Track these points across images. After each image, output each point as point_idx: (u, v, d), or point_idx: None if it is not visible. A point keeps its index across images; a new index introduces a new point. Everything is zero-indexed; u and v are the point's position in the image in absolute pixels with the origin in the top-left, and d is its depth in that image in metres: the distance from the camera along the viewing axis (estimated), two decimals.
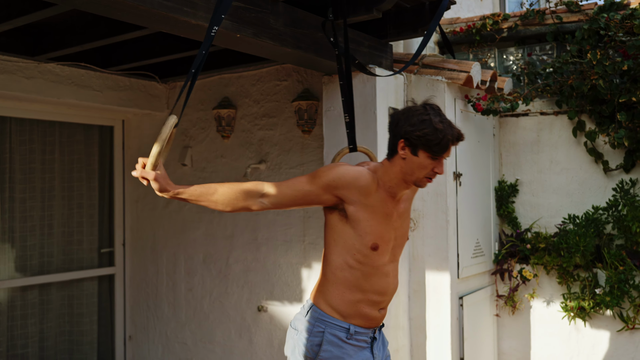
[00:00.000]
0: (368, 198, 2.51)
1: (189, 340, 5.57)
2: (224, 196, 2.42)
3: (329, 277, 2.62)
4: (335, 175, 2.48)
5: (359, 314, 2.59)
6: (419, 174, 2.50)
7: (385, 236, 2.58)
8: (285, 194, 2.48)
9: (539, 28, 5.00)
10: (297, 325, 2.68)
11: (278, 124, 5.02)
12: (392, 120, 2.58)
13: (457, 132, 2.49)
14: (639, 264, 4.22)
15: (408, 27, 4.13)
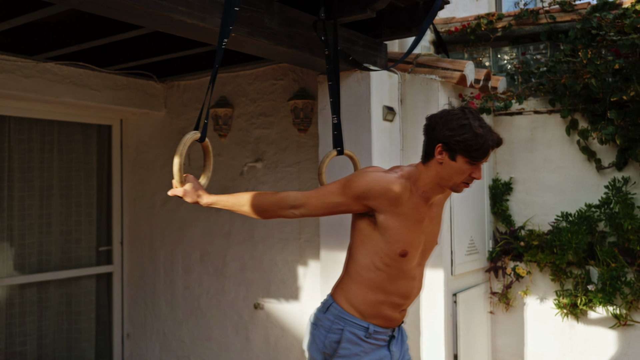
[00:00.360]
0: (400, 207, 2.47)
1: (186, 337, 5.61)
2: (254, 207, 2.49)
3: (353, 276, 2.61)
4: (365, 186, 2.45)
5: (380, 314, 2.58)
6: (457, 179, 2.47)
7: (415, 242, 2.57)
8: (315, 206, 2.50)
9: (533, 27, 5.04)
10: (316, 321, 2.67)
11: (274, 123, 5.06)
12: (429, 123, 2.53)
13: (497, 137, 2.45)
14: (631, 261, 4.26)
15: (402, 27, 4.18)
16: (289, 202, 2.49)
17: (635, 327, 4.28)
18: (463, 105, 2.54)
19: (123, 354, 6.07)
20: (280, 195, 2.51)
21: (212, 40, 3.22)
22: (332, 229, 4.16)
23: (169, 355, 5.74)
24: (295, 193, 2.51)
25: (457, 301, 4.29)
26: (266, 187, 5.08)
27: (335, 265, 4.14)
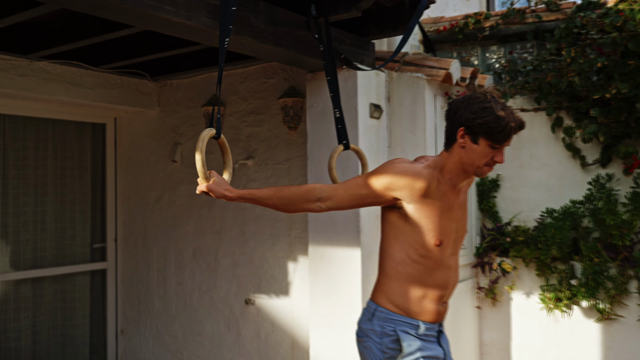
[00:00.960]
0: (429, 196, 2.47)
1: (179, 333, 5.68)
2: (280, 200, 2.48)
3: (390, 273, 2.59)
4: (393, 176, 2.46)
5: (424, 310, 2.56)
6: (479, 163, 2.47)
7: (448, 230, 2.56)
8: (342, 198, 2.50)
9: (519, 27, 5.12)
10: (364, 333, 2.63)
11: (265, 121, 5.13)
12: (450, 108, 2.54)
13: (519, 119, 2.46)
14: (614, 255, 4.33)
15: (389, 26, 4.24)
16: (315, 194, 2.49)
17: (618, 321, 4.35)
18: (484, 90, 2.50)
19: (117, 349, 6.13)
20: (306, 188, 2.50)
21: (198, 38, 3.30)
22: (320, 225, 4.23)
23: (162, 351, 5.81)
24: (322, 185, 2.51)
25: None
26: (257, 184, 5.15)
27: (322, 260, 4.22)
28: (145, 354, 5.94)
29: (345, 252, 4.11)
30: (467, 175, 2.55)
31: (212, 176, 2.47)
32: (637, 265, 4.20)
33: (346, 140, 3.30)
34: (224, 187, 2.47)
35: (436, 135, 4.36)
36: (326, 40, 3.40)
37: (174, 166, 5.73)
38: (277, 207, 2.51)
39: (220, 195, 2.46)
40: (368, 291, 4.10)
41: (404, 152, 4.33)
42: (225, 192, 2.46)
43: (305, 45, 3.77)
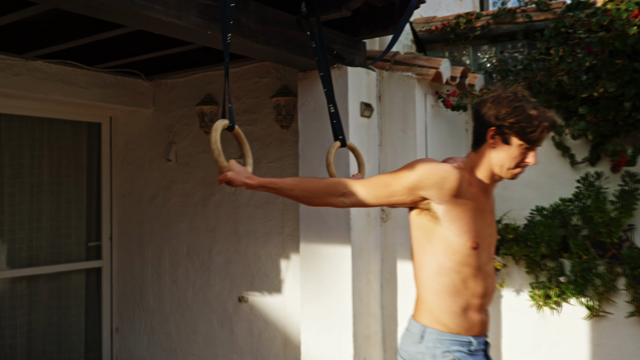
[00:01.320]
0: (459, 197, 2.36)
1: (173, 331, 5.72)
2: (302, 192, 2.42)
3: (429, 286, 2.45)
4: (421, 175, 2.36)
5: (472, 322, 2.45)
6: (510, 164, 2.39)
7: (483, 233, 2.45)
8: (367, 194, 2.42)
9: (510, 26, 5.16)
10: (413, 356, 2.47)
11: (258, 120, 5.18)
12: (479, 107, 2.45)
13: (551, 118, 2.36)
14: (602, 253, 4.37)
15: (379, 25, 4.29)
16: (340, 189, 2.42)
17: (607, 318, 4.39)
18: (514, 88, 2.41)
19: (112, 347, 6.18)
20: (332, 182, 2.44)
21: (189, 37, 3.34)
22: (311, 223, 4.27)
23: (157, 349, 5.85)
24: (347, 180, 2.43)
25: None
26: None
27: (314, 258, 4.26)
28: (140, 352, 5.98)
29: (336, 250, 4.16)
30: (495, 177, 2.46)
31: (232, 165, 2.44)
32: (625, 262, 4.24)
33: (342, 136, 3.25)
34: (244, 176, 2.44)
35: (426, 134, 4.41)
36: (318, 37, 3.43)
37: (168, 165, 5.78)
38: (298, 198, 2.46)
39: (240, 184, 2.44)
40: (358, 288, 4.15)
41: (394, 151, 4.38)
42: (246, 180, 2.43)
43: (296, 45, 3.82)
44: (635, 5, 3.77)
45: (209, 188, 5.48)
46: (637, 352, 4.28)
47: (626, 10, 3.82)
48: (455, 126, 4.83)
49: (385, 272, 4.42)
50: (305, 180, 2.45)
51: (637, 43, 3.97)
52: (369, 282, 4.28)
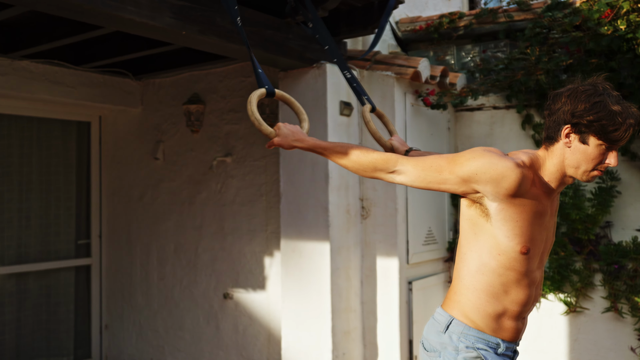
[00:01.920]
0: (518, 197, 2.16)
1: (161, 327, 5.78)
2: (351, 163, 2.34)
3: (466, 281, 2.29)
4: (478, 167, 2.15)
5: (504, 327, 2.27)
6: (587, 166, 2.15)
7: (537, 238, 2.25)
8: (418, 176, 2.25)
9: (492, 26, 5.22)
10: (434, 345, 2.32)
11: (243, 119, 5.24)
12: (553, 101, 2.22)
13: (637, 114, 2.12)
14: (580, 249, 4.43)
15: (359, 25, 4.35)
16: (389, 166, 2.28)
17: (584, 313, 4.45)
18: (594, 80, 2.18)
19: (101, 344, 6.23)
20: (382, 157, 2.29)
21: (164, 37, 3.40)
22: (292, 220, 4.33)
23: (145, 345, 5.91)
24: (399, 157, 2.28)
25: (412, 289, 4.46)
26: (235, 180, 5.26)
27: (294, 254, 4.32)
28: (128, 349, 6.04)
29: (315, 246, 4.22)
30: (567, 179, 2.24)
31: (279, 130, 2.39)
32: (602, 258, 4.30)
33: (367, 96, 3.09)
34: (292, 139, 2.38)
35: (405, 132, 4.46)
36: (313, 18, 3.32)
37: (156, 164, 5.84)
38: (347, 167, 2.37)
39: (288, 147, 2.39)
40: (337, 284, 4.21)
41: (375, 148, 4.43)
42: (294, 142, 2.38)
43: (274, 44, 3.87)
44: (607, 6, 3.82)
45: (195, 186, 5.55)
46: (613, 347, 4.34)
47: (597, 11, 3.87)
48: (436, 125, 4.88)
49: (365, 269, 4.48)
50: (356, 151, 2.33)
51: (611, 43, 4.02)
52: (349, 278, 4.34)
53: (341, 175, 4.29)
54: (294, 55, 4.06)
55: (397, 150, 2.92)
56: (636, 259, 4.20)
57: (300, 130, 2.45)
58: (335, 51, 3.27)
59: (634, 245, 4.28)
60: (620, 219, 4.51)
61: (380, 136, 2.94)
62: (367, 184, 4.48)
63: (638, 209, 4.46)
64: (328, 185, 4.17)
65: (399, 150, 2.92)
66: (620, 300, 4.28)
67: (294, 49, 4.06)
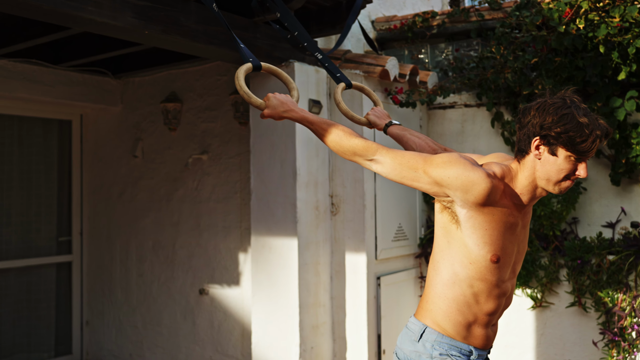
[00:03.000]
0: (486, 206, 2.19)
1: (139, 323, 5.85)
2: (335, 142, 2.36)
3: (439, 291, 2.32)
4: (449, 173, 2.18)
5: (474, 335, 2.33)
6: (557, 177, 2.17)
7: (508, 248, 2.27)
8: (394, 169, 2.28)
9: (464, 25, 5.28)
10: (409, 355, 2.36)
11: (219, 117, 5.30)
12: (523, 114, 2.25)
13: (604, 127, 2.14)
14: (546, 245, 4.50)
15: (328, 24, 4.42)
16: (370, 152, 2.30)
17: (550, 308, 4.52)
18: (563, 93, 2.20)
19: (82, 341, 6.30)
20: (366, 143, 2.31)
21: (126, 37, 3.47)
22: (261, 216, 4.40)
23: (124, 341, 5.98)
24: (381, 147, 2.30)
25: (380, 284, 4.52)
26: (211, 177, 5.32)
27: (263, 250, 4.39)
28: (108, 344, 6.11)
29: (284, 242, 4.28)
30: (538, 191, 2.26)
31: (268, 101, 2.41)
32: (567, 254, 4.37)
33: (340, 74, 3.04)
34: (282, 109, 2.41)
35: (374, 130, 4.52)
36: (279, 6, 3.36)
37: (135, 161, 5.90)
38: (329, 146, 2.40)
39: (279, 118, 2.42)
40: (305, 279, 4.27)
41: None
42: (284, 114, 2.41)
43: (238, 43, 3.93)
44: (566, 6, 3.89)
45: (172, 184, 5.61)
46: (578, 341, 4.41)
47: (557, 10, 3.93)
48: (407, 123, 4.94)
49: (335, 264, 4.54)
50: (340, 132, 2.35)
51: (573, 42, 4.08)
52: (318, 273, 4.40)
53: (310, 172, 4.36)
54: (263, 54, 4.12)
55: (375, 125, 2.94)
56: (600, 254, 4.27)
57: (290, 99, 2.47)
58: (305, 35, 3.30)
59: (598, 241, 4.35)
60: (586, 215, 4.58)
61: (353, 115, 2.94)
62: (336, 180, 4.55)
63: (604, 206, 4.54)
64: (296, 182, 4.24)
65: (377, 125, 2.94)
66: (585, 295, 4.35)
67: (262, 48, 4.12)
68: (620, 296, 4.18)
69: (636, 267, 4.15)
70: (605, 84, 4.29)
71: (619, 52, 3.97)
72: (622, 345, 4.12)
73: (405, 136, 2.83)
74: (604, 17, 3.74)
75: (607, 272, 4.24)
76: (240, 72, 2.43)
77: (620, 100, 4.10)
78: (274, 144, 4.36)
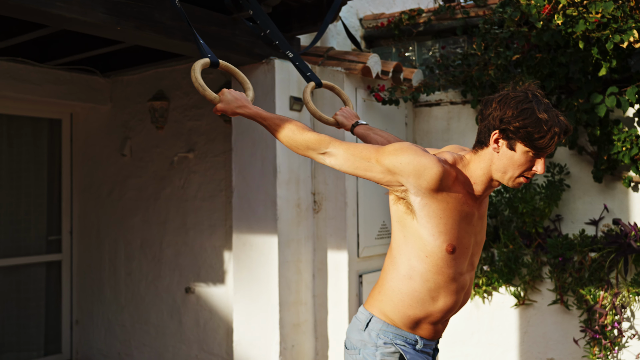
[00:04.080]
0: (439, 192, 2.17)
1: (128, 322, 5.85)
2: (288, 137, 2.35)
3: (394, 285, 2.30)
4: (401, 159, 2.16)
5: (422, 328, 2.31)
6: (514, 173, 2.16)
7: (465, 239, 2.25)
8: (347, 160, 2.26)
9: (450, 22, 5.27)
10: (355, 343, 2.35)
11: (205, 115, 5.30)
12: (484, 107, 2.22)
13: (564, 124, 2.11)
14: (529, 242, 4.47)
15: (309, 21, 4.41)
16: (323, 145, 2.29)
17: (533, 306, 4.49)
18: (526, 87, 2.17)
19: (72, 340, 6.29)
20: (318, 137, 2.30)
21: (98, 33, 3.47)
22: (243, 213, 4.39)
23: (113, 340, 5.98)
24: (334, 140, 2.29)
25: (362, 282, 4.50)
26: (197, 176, 5.32)
27: (245, 247, 4.38)
28: (97, 344, 6.11)
29: (264, 240, 4.27)
30: (493, 183, 2.25)
31: (222, 96, 2.42)
32: (549, 251, 4.33)
33: (310, 73, 3.02)
34: (236, 105, 2.40)
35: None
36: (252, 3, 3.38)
37: (124, 160, 5.90)
38: (282, 142, 2.38)
39: (232, 113, 2.41)
40: (286, 277, 4.26)
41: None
42: (237, 109, 2.41)
43: (219, 40, 3.93)
44: (544, 1, 3.86)
45: (160, 182, 5.61)
46: (561, 339, 4.38)
47: (535, 6, 3.91)
48: (392, 120, 4.93)
49: (317, 262, 4.53)
50: (292, 127, 2.34)
51: (553, 37, 4.06)
52: (299, 271, 4.39)
53: (291, 169, 4.34)
54: (242, 51, 4.12)
55: (343, 125, 2.93)
56: (582, 251, 4.24)
57: (244, 97, 2.47)
58: (276, 33, 3.30)
59: (580, 238, 4.32)
60: (570, 212, 4.55)
61: (320, 115, 2.94)
62: (318, 177, 4.54)
63: (587, 203, 4.51)
64: (276, 179, 4.23)
65: (344, 125, 2.93)
66: (567, 293, 4.32)
67: (242, 45, 4.11)
68: (601, 294, 4.15)
69: (617, 265, 4.12)
70: (588, 80, 4.26)
71: (599, 48, 3.95)
72: (603, 343, 4.09)
73: (370, 135, 2.84)
74: (583, 13, 3.71)
75: (589, 269, 4.21)
76: (197, 65, 2.46)
77: (600, 97, 4.07)
78: (255, 141, 4.35)
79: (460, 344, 4.78)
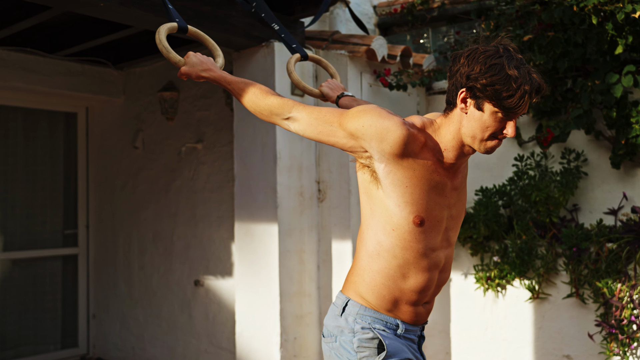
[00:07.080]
0: (405, 158, 2.02)
1: (141, 316, 5.78)
2: (252, 102, 2.25)
3: (364, 263, 2.16)
4: (363, 121, 2.02)
5: (402, 310, 2.16)
6: (482, 135, 2.00)
7: (435, 211, 2.09)
8: (310, 125, 2.13)
9: (465, 6, 5.08)
10: (331, 330, 2.20)
11: (212, 104, 5.20)
12: (453, 62, 2.05)
13: (537, 82, 1.93)
14: (543, 233, 4.24)
15: (311, 4, 4.26)
16: (286, 110, 2.18)
17: (548, 300, 4.26)
18: (498, 41, 1.99)
19: (89, 334, 6.26)
20: (282, 101, 2.20)
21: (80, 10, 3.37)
22: (244, 202, 4.27)
23: (127, 334, 5.92)
24: (295, 104, 2.18)
25: None
26: (206, 167, 5.22)
27: (246, 237, 4.26)
28: (113, 338, 6.06)
29: (265, 228, 4.14)
30: (465, 149, 2.08)
31: (188, 59, 2.33)
32: (564, 242, 4.10)
33: (295, 45, 2.94)
34: (201, 68, 2.30)
35: None
36: None
37: (136, 153, 5.84)
38: (248, 107, 2.29)
39: (196, 77, 2.31)
40: (286, 267, 4.12)
41: None
42: (201, 72, 2.31)
43: (212, 20, 3.81)
44: None
45: (170, 174, 5.53)
46: (577, 335, 4.15)
47: None
48: (402, 108, 4.74)
49: (322, 253, 4.38)
50: (256, 91, 2.24)
51: (566, 12, 3.84)
52: (302, 261, 4.24)
53: (292, 156, 4.20)
54: (239, 33, 3.99)
55: (328, 97, 2.82)
56: (598, 242, 4.00)
57: (211, 60, 2.38)
58: (263, 6, 3.22)
59: (597, 228, 4.07)
60: (588, 201, 4.31)
61: (304, 85, 2.85)
62: (323, 165, 4.39)
63: (606, 192, 4.26)
64: (276, 166, 4.09)
65: (329, 96, 2.82)
66: (583, 286, 4.08)
67: (239, 27, 3.99)
68: (619, 286, 3.90)
69: (635, 255, 3.87)
70: (606, 60, 4.02)
71: (613, 24, 3.71)
72: (620, 338, 3.84)
73: (353, 105, 2.68)
74: None
75: (605, 260, 3.96)
76: (163, 28, 2.38)
77: (617, 76, 3.82)
78: (255, 127, 4.22)
79: (474, 341, 4.57)
